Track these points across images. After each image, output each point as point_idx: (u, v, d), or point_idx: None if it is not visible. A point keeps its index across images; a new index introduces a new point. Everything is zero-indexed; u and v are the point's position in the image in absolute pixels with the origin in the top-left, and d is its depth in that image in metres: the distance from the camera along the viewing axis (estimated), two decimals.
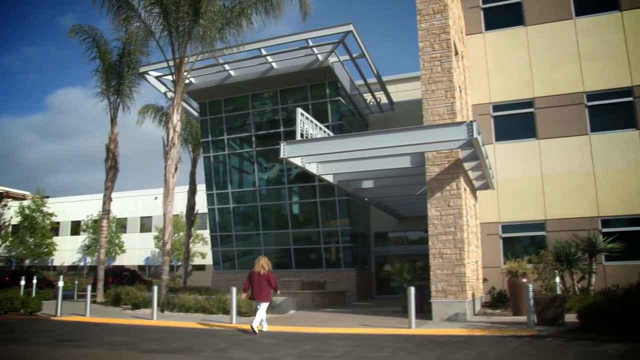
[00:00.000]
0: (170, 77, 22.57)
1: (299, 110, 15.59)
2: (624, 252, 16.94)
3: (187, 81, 24.36)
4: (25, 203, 54.02)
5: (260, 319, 12.78)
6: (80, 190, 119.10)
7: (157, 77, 26.52)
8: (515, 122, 20.39)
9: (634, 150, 18.69)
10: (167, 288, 19.09)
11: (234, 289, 14.91)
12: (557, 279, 15.36)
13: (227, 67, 25.51)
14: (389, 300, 22.72)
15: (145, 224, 52.59)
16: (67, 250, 54.47)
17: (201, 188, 30.11)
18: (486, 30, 21.34)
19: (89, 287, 17.38)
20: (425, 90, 15.51)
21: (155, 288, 16.13)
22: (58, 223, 55.41)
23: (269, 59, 24.63)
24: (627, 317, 10.47)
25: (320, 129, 17.31)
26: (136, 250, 51.21)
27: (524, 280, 14.79)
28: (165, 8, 19.33)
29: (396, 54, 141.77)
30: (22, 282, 22.26)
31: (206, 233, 37.22)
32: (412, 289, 12.91)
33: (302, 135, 15.42)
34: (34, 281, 24.00)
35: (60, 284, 17.05)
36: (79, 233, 54.75)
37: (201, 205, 30.44)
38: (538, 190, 19.53)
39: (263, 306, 12.84)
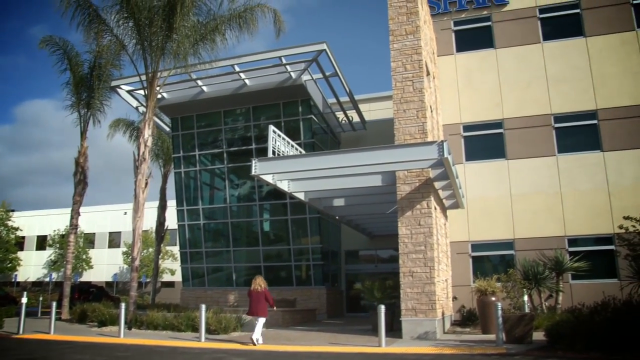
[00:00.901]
0: (142, 92, 22.32)
1: (271, 128, 15.61)
2: (589, 271, 17.32)
3: (159, 96, 24.15)
4: None
5: (259, 333, 13.54)
6: (47, 204, 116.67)
7: (129, 91, 26.26)
8: (485, 142, 20.78)
9: (599, 171, 19.18)
10: (135, 305, 18.76)
11: (203, 307, 14.73)
12: (526, 298, 15.57)
13: (200, 82, 25.41)
14: (359, 318, 22.68)
15: (113, 240, 51.70)
16: (32, 266, 53.07)
17: (171, 204, 29.76)
18: (457, 51, 21.79)
19: (54, 304, 16.95)
20: (397, 109, 15.68)
21: (123, 305, 15.81)
22: (23, 237, 54.10)
23: (242, 75, 24.63)
24: (593, 335, 10.64)
25: (292, 146, 17.35)
26: (104, 266, 50.23)
27: (493, 298, 14.93)
28: (139, 22, 19.21)
29: (369, 73, 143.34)
30: None
31: (176, 249, 36.73)
32: (383, 307, 12.93)
33: (273, 153, 15.43)
34: None
35: (24, 300, 16.65)
36: (45, 248, 53.48)
37: (171, 221, 30.10)
38: (507, 209, 19.85)
39: (260, 321, 13.66)
